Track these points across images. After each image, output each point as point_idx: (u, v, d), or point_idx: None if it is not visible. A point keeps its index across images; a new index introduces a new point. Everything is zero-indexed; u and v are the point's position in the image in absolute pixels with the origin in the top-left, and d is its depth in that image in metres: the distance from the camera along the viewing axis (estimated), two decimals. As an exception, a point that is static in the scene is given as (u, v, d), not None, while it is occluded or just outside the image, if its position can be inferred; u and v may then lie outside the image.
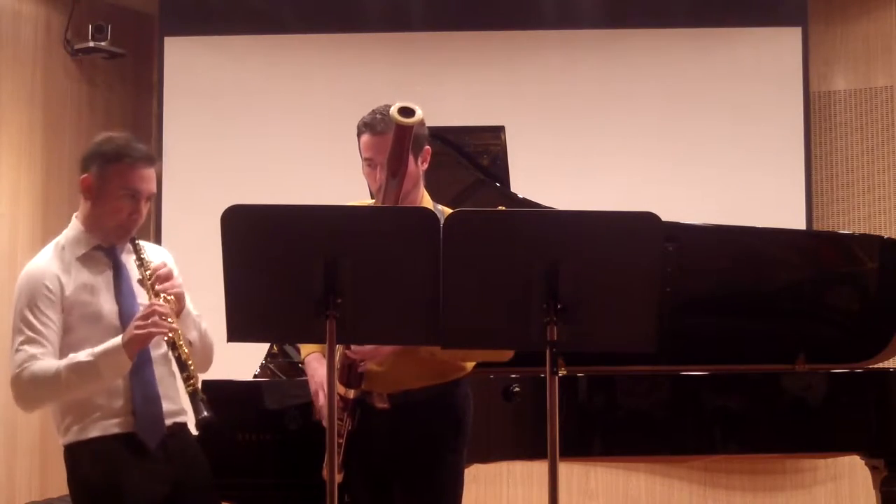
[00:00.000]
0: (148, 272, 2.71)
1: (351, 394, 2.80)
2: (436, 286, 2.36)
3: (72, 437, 2.72)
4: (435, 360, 2.80)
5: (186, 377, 2.60)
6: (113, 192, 2.73)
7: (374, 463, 2.89)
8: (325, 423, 2.83)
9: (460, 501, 2.94)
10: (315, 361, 2.94)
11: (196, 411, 2.57)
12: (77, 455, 2.73)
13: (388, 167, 2.64)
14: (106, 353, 2.62)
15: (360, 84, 5.90)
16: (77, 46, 6.03)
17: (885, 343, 3.96)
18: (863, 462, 3.89)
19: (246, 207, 2.42)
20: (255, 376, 3.57)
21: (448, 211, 2.41)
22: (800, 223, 5.86)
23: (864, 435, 3.78)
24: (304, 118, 6.09)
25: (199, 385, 2.62)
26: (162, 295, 2.68)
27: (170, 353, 2.72)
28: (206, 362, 2.92)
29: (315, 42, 6.22)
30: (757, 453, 4.19)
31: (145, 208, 2.79)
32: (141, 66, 6.47)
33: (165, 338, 2.64)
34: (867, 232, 5.76)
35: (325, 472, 2.83)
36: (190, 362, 2.62)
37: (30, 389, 2.65)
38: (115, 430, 2.71)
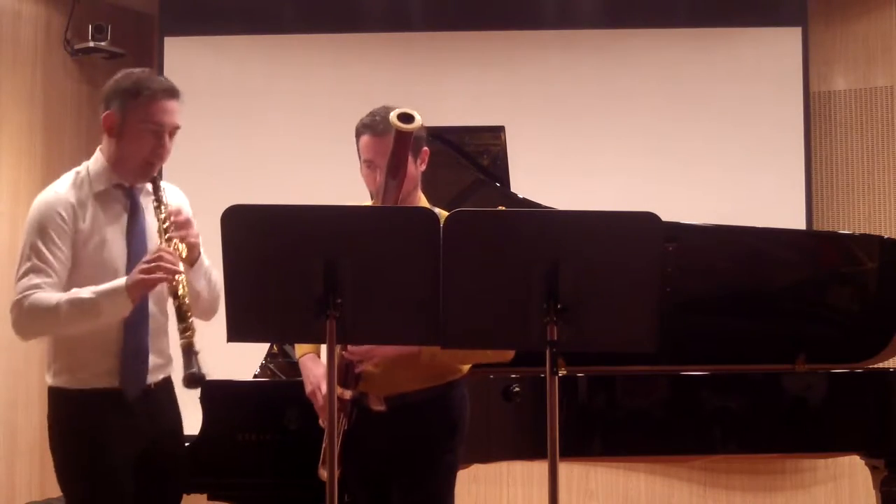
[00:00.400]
0: (164, 215, 2.67)
1: (347, 394, 2.81)
2: (436, 286, 2.36)
3: (58, 382, 2.74)
4: (434, 363, 2.80)
5: (183, 329, 2.54)
6: (135, 126, 2.70)
7: (370, 464, 2.89)
8: (321, 422, 2.85)
9: (453, 500, 2.94)
10: (310, 362, 2.94)
11: (186, 365, 2.50)
12: (59, 401, 2.75)
13: (388, 171, 2.65)
14: (108, 292, 2.59)
15: (360, 84, 5.89)
16: (77, 46, 6.03)
17: (885, 343, 3.96)
18: (863, 462, 3.89)
19: (246, 207, 2.42)
20: (255, 376, 3.57)
21: (444, 214, 2.41)
22: (800, 223, 5.86)
23: (864, 435, 3.78)
24: (304, 118, 6.08)
25: (194, 339, 2.54)
26: (174, 241, 2.64)
27: (170, 302, 2.66)
28: (211, 312, 2.88)
29: (315, 42, 6.22)
30: (757, 453, 4.19)
31: (171, 143, 2.75)
32: (141, 66, 6.44)
33: (168, 285, 2.59)
34: (867, 232, 5.75)
35: (319, 471, 2.84)
36: (189, 314, 2.57)
37: (28, 318, 2.63)
38: (100, 385, 2.70)
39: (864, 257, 4.09)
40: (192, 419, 3.12)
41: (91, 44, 6.00)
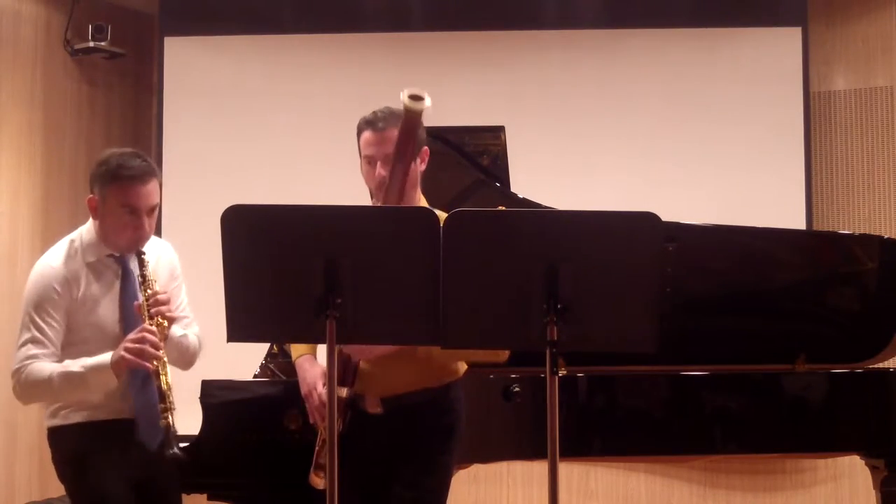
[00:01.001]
0: (147, 292, 2.82)
1: (343, 392, 2.80)
2: (436, 286, 2.36)
3: (57, 421, 2.90)
4: (430, 363, 2.80)
5: (163, 409, 2.72)
6: (113, 210, 2.85)
7: (365, 467, 2.88)
8: (317, 424, 2.85)
9: (446, 501, 2.94)
10: (307, 363, 2.94)
11: (167, 445, 2.69)
12: (60, 439, 2.90)
13: (395, 152, 2.65)
14: (94, 367, 2.78)
15: (360, 84, 5.89)
16: (77, 46, 6.03)
17: (885, 343, 3.96)
18: (863, 462, 3.89)
19: (246, 207, 2.42)
20: (255, 376, 3.56)
21: (443, 214, 2.41)
22: (800, 223, 5.86)
23: (864, 435, 3.78)
24: (304, 118, 6.08)
25: (173, 421, 2.72)
26: (157, 318, 2.79)
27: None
28: (186, 367, 3.04)
29: (315, 42, 6.22)
30: (757, 453, 4.19)
31: (151, 221, 2.88)
32: (141, 66, 6.47)
33: (150, 369, 2.75)
34: (867, 232, 5.75)
35: (311, 477, 2.84)
36: (170, 396, 2.73)
37: (25, 388, 2.84)
38: (99, 417, 2.86)
39: (864, 257, 4.09)
40: (192, 419, 3.12)
41: (91, 44, 6.00)
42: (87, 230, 2.94)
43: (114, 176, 2.83)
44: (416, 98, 2.55)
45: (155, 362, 2.73)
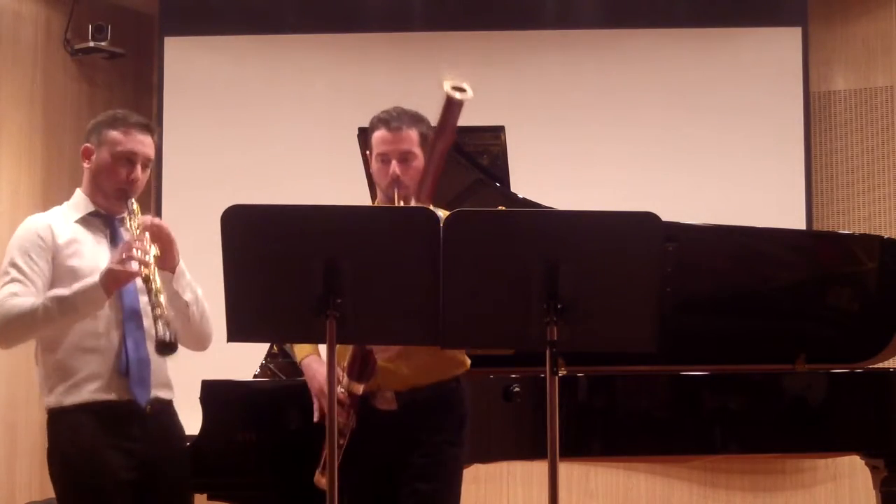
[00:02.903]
0: (136, 222, 2.74)
1: (360, 389, 2.79)
2: (436, 286, 2.36)
3: (55, 399, 2.77)
4: (443, 354, 2.82)
5: (154, 304, 2.61)
6: (109, 156, 2.82)
7: (377, 462, 2.88)
8: (326, 421, 2.84)
9: (459, 495, 2.95)
10: (315, 363, 2.94)
11: (156, 331, 2.58)
12: (58, 425, 2.78)
13: (434, 142, 2.66)
14: (83, 287, 2.68)
15: (360, 84, 5.89)
16: (77, 46, 6.03)
17: (885, 343, 3.96)
18: (863, 462, 3.89)
19: (246, 207, 2.42)
20: (255, 376, 3.57)
21: (443, 214, 2.41)
22: (800, 223, 5.85)
23: (864, 435, 3.78)
24: (305, 118, 6.08)
25: (165, 310, 2.60)
26: (146, 238, 2.70)
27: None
28: (203, 337, 2.92)
29: (315, 42, 6.22)
30: (757, 453, 4.19)
31: (144, 174, 2.86)
32: (141, 66, 6.47)
33: (141, 275, 2.65)
34: (867, 232, 5.75)
35: (317, 477, 2.83)
36: (160, 294, 2.62)
37: (6, 321, 2.71)
38: (99, 397, 2.74)
39: (864, 257, 4.09)
40: (192, 419, 3.12)
41: (91, 44, 6.00)
42: (73, 196, 2.90)
43: (116, 121, 2.83)
44: (459, 89, 2.57)
45: (144, 269, 2.63)
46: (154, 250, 2.70)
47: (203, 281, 2.99)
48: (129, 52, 6.26)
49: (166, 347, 2.58)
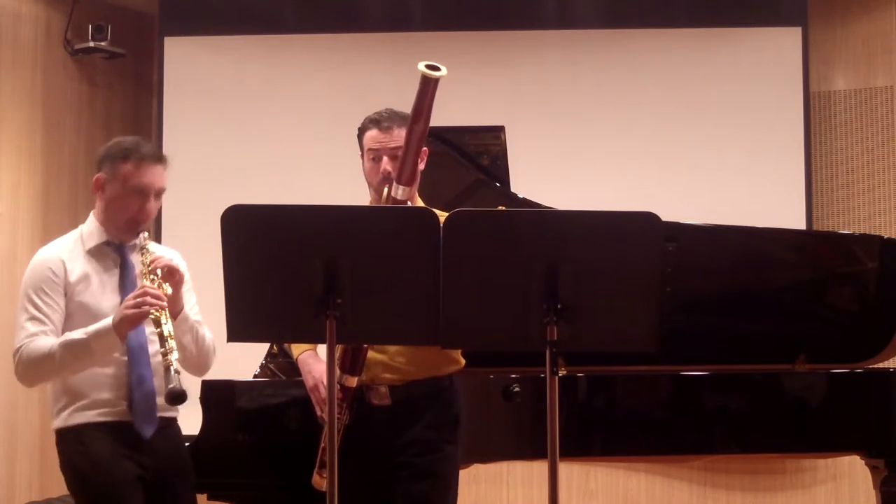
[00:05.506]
0: (148, 259, 2.79)
1: (353, 382, 2.80)
2: (436, 286, 2.36)
3: (60, 422, 2.84)
4: (437, 350, 2.81)
5: (164, 352, 2.65)
6: (121, 188, 2.85)
7: (372, 459, 2.88)
8: (323, 418, 2.84)
9: (456, 494, 2.95)
10: (310, 358, 2.95)
11: (167, 382, 2.62)
12: (66, 441, 2.84)
13: (410, 121, 2.68)
14: (97, 332, 2.74)
15: (360, 84, 5.89)
16: (77, 46, 6.03)
17: (885, 343, 3.96)
18: (863, 462, 3.89)
19: (246, 207, 2.42)
20: (255, 376, 3.56)
21: (443, 215, 2.41)
22: (800, 223, 5.85)
23: (864, 435, 3.78)
24: (305, 118, 6.08)
25: (173, 361, 2.64)
26: (157, 281, 2.75)
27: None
28: (202, 367, 3.00)
29: (315, 42, 6.22)
30: (757, 453, 4.19)
31: (156, 205, 2.90)
32: (141, 66, 6.47)
33: (151, 315, 2.70)
34: (867, 232, 5.75)
35: (314, 478, 2.83)
36: (171, 339, 2.66)
37: (26, 366, 2.79)
38: (105, 419, 2.81)
39: (864, 257, 4.09)
40: (192, 419, 3.12)
41: (91, 44, 6.00)
42: (87, 222, 2.94)
43: (127, 154, 2.85)
44: (433, 68, 2.63)
45: (155, 311, 2.68)
46: (167, 288, 2.76)
47: (203, 281, 2.99)
48: (129, 52, 6.26)
49: (177, 398, 2.63)
